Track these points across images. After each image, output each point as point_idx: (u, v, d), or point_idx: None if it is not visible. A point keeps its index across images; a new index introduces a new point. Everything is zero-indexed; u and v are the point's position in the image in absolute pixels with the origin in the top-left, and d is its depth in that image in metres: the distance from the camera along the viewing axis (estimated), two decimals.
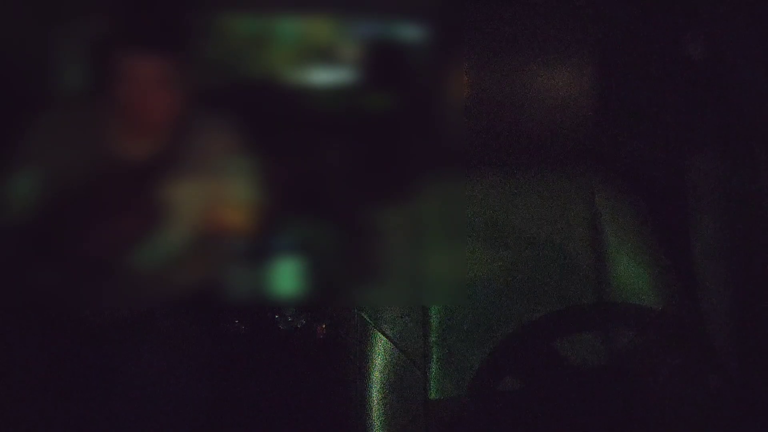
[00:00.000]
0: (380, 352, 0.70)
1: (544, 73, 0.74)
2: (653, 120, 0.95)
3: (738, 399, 0.65)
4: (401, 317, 0.71)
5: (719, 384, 0.65)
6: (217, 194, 0.80)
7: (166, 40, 0.75)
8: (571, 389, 0.68)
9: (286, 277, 0.82)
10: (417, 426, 0.69)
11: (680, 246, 0.79)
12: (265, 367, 0.99)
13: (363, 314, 0.72)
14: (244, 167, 0.81)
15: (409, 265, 0.68)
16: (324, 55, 0.79)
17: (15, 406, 0.75)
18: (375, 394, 0.70)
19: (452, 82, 0.76)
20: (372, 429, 0.70)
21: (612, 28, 0.82)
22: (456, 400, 0.70)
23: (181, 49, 0.75)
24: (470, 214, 0.74)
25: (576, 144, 0.77)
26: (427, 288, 0.70)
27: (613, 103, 0.83)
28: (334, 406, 0.79)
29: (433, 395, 0.70)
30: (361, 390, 0.71)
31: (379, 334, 0.70)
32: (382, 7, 0.78)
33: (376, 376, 0.70)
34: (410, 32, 0.79)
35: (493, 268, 0.73)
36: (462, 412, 0.69)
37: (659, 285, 0.74)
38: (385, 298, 0.69)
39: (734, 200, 0.77)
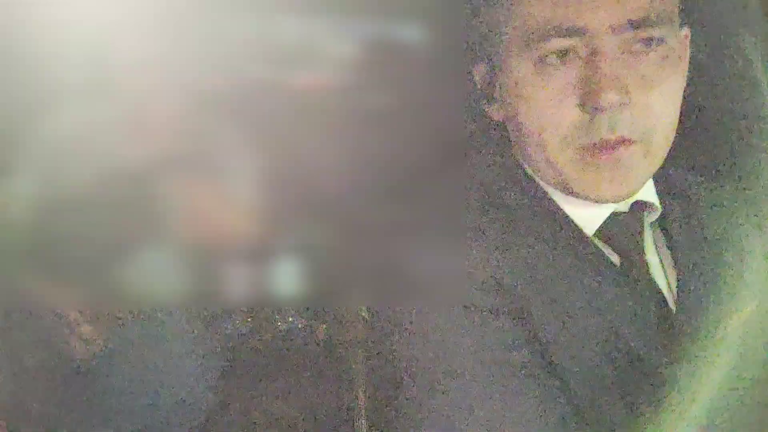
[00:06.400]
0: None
1: None
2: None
3: None
4: None
5: None
6: (218, 195, 0.80)
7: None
8: None
9: (286, 277, 0.82)
10: None
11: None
12: (265, 367, 0.99)
13: (363, 314, 0.72)
14: (245, 167, 0.81)
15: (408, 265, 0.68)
16: (324, 55, 0.79)
17: (15, 404, 0.75)
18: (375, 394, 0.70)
19: (452, 80, 0.76)
20: (373, 429, 0.70)
21: None
22: None
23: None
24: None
25: None
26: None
27: None
28: (334, 406, 0.79)
29: None
30: (361, 390, 0.71)
31: None
32: (382, 7, 0.78)
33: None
34: (410, 32, 0.79)
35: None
36: None
37: None
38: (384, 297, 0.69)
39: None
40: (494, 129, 0.68)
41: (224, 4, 0.77)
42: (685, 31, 0.63)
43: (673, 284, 0.64)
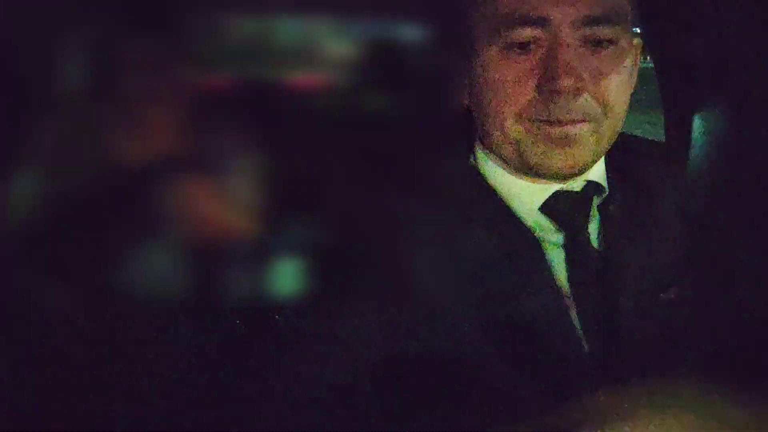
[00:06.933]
0: None
1: None
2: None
3: None
4: None
5: None
6: (218, 195, 0.80)
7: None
8: None
9: (286, 277, 0.82)
10: None
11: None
12: (266, 367, 0.99)
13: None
14: (245, 167, 0.81)
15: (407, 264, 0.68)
16: (324, 55, 0.79)
17: (15, 404, 0.76)
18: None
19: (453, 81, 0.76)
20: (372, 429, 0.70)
21: None
22: None
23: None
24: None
25: None
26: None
27: None
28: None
29: None
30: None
31: None
32: (382, 7, 0.78)
33: None
34: (410, 32, 0.79)
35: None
36: None
37: None
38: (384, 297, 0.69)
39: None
40: (453, 122, 0.74)
41: (224, 4, 0.77)
42: (637, 41, 0.71)
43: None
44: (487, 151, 0.72)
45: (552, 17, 0.63)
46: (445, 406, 0.65)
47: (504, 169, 0.71)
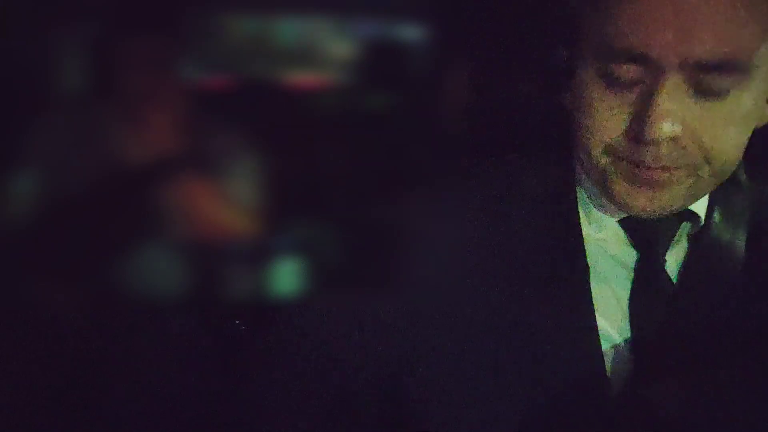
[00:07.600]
0: None
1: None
2: None
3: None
4: None
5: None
6: (218, 194, 0.80)
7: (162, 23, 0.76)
8: None
9: (286, 277, 0.82)
10: None
11: None
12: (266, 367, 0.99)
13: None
14: (245, 167, 0.81)
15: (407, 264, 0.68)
16: (323, 55, 0.79)
17: (13, 405, 0.76)
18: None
19: (453, 81, 0.76)
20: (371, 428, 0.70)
21: None
22: None
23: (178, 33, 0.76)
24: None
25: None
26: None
27: None
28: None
29: None
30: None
31: None
32: (381, 7, 0.78)
33: None
34: (410, 32, 0.79)
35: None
36: None
37: None
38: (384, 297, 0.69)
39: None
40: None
41: (224, 4, 0.77)
42: None
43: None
44: None
45: (656, 57, 0.53)
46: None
47: None
